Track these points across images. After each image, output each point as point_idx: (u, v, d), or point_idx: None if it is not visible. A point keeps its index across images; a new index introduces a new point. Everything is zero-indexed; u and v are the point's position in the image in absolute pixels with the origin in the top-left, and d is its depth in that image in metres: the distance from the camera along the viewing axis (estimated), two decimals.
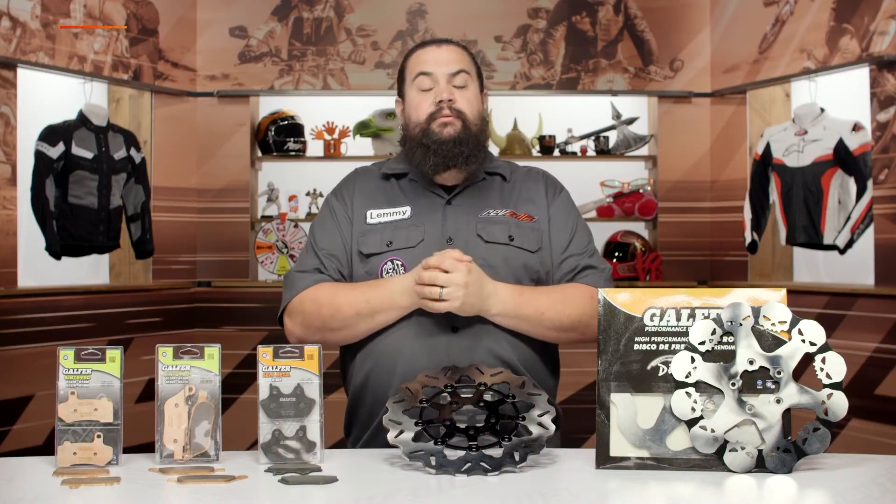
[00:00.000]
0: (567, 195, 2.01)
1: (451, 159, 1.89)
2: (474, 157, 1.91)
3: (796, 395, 1.48)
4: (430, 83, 1.92)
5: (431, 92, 1.91)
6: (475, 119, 1.92)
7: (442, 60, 1.93)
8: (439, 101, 1.89)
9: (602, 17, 4.85)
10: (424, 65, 1.93)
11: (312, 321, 1.85)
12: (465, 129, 1.89)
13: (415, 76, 1.93)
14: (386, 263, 1.86)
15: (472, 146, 1.90)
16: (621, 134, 4.87)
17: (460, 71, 1.92)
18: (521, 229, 1.90)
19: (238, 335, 4.54)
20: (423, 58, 1.94)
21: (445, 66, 1.92)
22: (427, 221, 1.89)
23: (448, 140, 1.88)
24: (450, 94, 1.90)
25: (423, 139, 1.90)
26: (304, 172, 4.89)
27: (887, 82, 3.89)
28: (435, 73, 1.91)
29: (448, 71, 1.91)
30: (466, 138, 1.89)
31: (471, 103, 1.93)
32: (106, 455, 1.54)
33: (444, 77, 1.91)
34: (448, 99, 1.89)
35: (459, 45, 1.99)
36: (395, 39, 4.84)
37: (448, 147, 1.88)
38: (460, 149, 1.88)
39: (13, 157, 3.99)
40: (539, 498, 1.34)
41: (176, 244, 4.68)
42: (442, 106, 1.89)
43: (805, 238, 4.30)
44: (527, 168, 2.05)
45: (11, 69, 3.97)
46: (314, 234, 1.96)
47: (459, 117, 1.89)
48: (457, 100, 1.91)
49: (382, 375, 1.83)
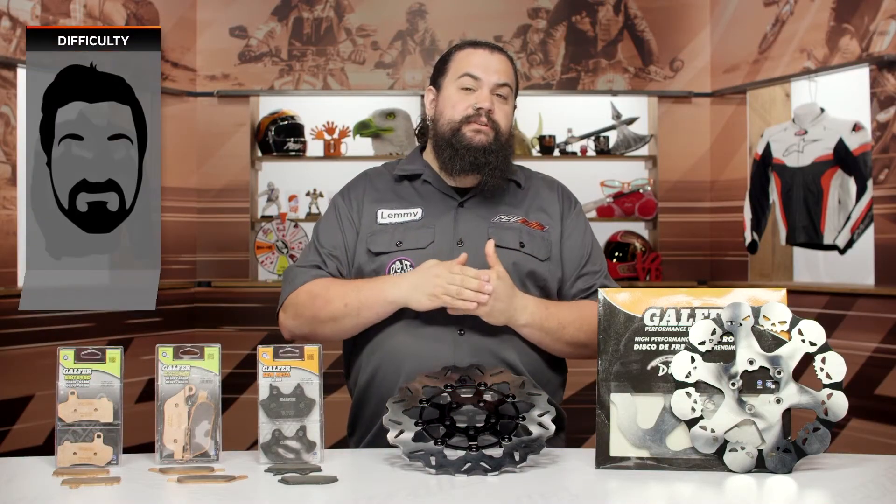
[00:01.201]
0: (581, 209, 2.03)
1: (478, 167, 1.89)
2: (500, 169, 1.91)
3: (796, 395, 1.48)
4: (474, 86, 1.91)
5: (473, 95, 1.90)
6: (506, 133, 1.92)
7: (492, 68, 1.91)
8: (479, 107, 1.89)
9: (602, 17, 4.85)
10: (474, 67, 1.91)
11: (303, 312, 1.85)
12: (497, 140, 1.89)
13: (460, 74, 1.92)
14: (394, 263, 1.86)
15: (500, 158, 1.90)
16: (621, 134, 4.87)
17: (506, 84, 1.92)
18: (532, 237, 1.90)
19: (238, 335, 4.54)
20: (474, 60, 1.92)
21: (494, 75, 1.91)
22: (438, 223, 1.89)
23: (478, 147, 1.88)
24: (491, 103, 1.89)
25: (452, 139, 1.89)
26: (304, 172, 4.89)
27: (887, 82, 3.89)
28: (482, 79, 1.90)
29: (496, 81, 1.90)
30: (496, 149, 1.89)
31: (507, 118, 1.93)
32: (106, 455, 1.54)
33: (490, 85, 1.90)
34: (488, 108, 1.89)
35: (509, 56, 1.97)
36: (395, 39, 4.84)
37: (477, 154, 1.88)
38: (487, 158, 1.88)
39: (13, 157, 3.99)
40: (539, 498, 1.34)
41: (176, 244, 4.68)
42: (480, 113, 1.89)
43: (805, 238, 4.30)
44: (542, 176, 2.05)
45: (11, 69, 3.97)
46: (318, 232, 1.97)
47: (493, 128, 1.89)
48: (496, 111, 1.90)
49: (388, 376, 1.83)
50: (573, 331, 1.83)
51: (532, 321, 1.79)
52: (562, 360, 1.94)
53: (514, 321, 1.78)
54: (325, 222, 1.98)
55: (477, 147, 1.87)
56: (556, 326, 1.82)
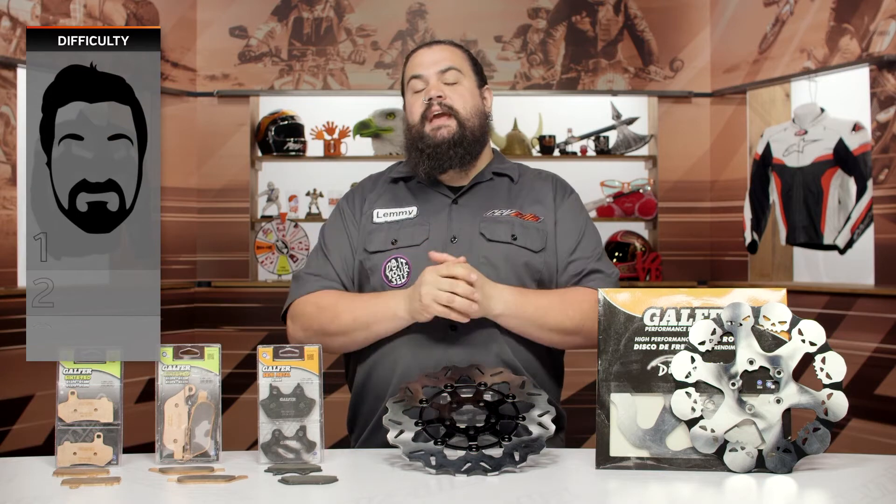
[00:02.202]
0: (576, 198, 2.01)
1: (445, 162, 1.89)
2: (470, 156, 1.91)
3: (796, 395, 1.48)
4: (422, 84, 1.93)
5: (423, 92, 1.93)
6: (470, 115, 1.92)
7: (431, 61, 1.94)
8: (429, 98, 1.90)
9: (602, 17, 4.85)
10: (416, 67, 1.94)
11: (312, 324, 1.85)
12: (460, 127, 1.89)
13: (409, 80, 1.95)
14: (390, 261, 1.86)
15: (469, 145, 1.90)
16: (621, 134, 4.87)
17: (449, 68, 1.93)
18: (526, 229, 1.89)
19: (238, 335, 4.54)
20: (416, 61, 1.96)
21: (434, 66, 1.93)
22: (432, 221, 1.90)
23: (442, 143, 1.88)
24: (438, 90, 1.90)
25: (418, 142, 1.91)
26: (304, 172, 4.89)
27: (887, 82, 3.89)
28: (425, 74, 1.93)
29: (437, 69, 1.92)
30: (461, 138, 1.89)
31: (464, 98, 1.92)
32: (106, 455, 1.54)
33: (434, 76, 1.92)
34: (437, 95, 1.90)
35: (452, 43, 2.00)
36: (395, 39, 4.84)
37: (442, 150, 1.88)
38: (455, 150, 1.88)
39: (13, 157, 3.99)
40: (539, 498, 1.34)
41: (176, 244, 4.68)
42: (432, 103, 1.90)
43: (805, 238, 4.30)
44: (537, 170, 2.05)
45: (11, 69, 3.97)
46: (324, 236, 1.98)
47: (451, 114, 1.89)
48: (447, 96, 1.90)
49: (383, 373, 1.84)
50: (556, 316, 1.80)
51: (507, 310, 1.78)
52: (558, 355, 1.94)
53: (489, 311, 1.76)
54: (330, 226, 1.99)
55: (440, 142, 1.88)
56: (534, 313, 1.79)
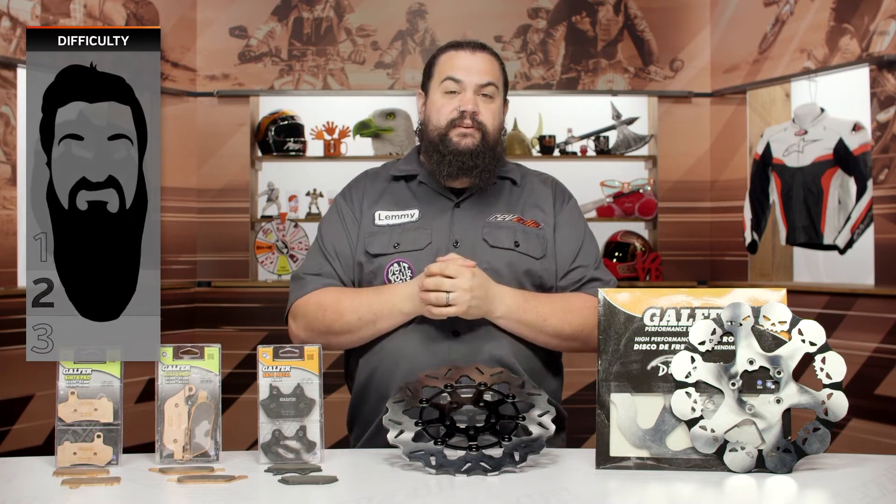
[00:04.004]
0: (575, 204, 2.01)
1: (465, 171, 1.89)
2: (488, 171, 1.90)
3: (796, 395, 1.48)
4: (458, 89, 1.90)
5: (456, 97, 1.89)
6: (494, 132, 1.91)
7: (474, 69, 1.90)
8: (463, 110, 1.88)
9: (602, 17, 4.85)
10: (455, 70, 1.90)
11: (316, 325, 1.85)
12: (484, 141, 1.88)
13: (443, 79, 1.91)
14: (392, 265, 1.86)
15: (488, 159, 1.89)
16: (621, 134, 4.87)
17: (489, 83, 1.90)
18: (527, 235, 1.90)
19: (238, 335, 4.54)
20: (456, 62, 1.91)
21: (476, 76, 1.89)
22: (435, 225, 1.89)
23: (465, 151, 1.87)
24: (475, 105, 1.88)
25: (439, 145, 1.89)
26: (304, 172, 4.89)
27: (887, 82, 3.89)
28: (464, 81, 1.89)
29: (478, 81, 1.89)
30: (483, 151, 1.88)
31: (494, 116, 1.91)
32: (106, 455, 1.54)
33: (473, 87, 1.89)
34: (472, 111, 1.88)
35: (493, 53, 1.95)
36: (395, 39, 4.84)
37: (464, 158, 1.87)
38: (475, 161, 1.88)
39: (13, 157, 3.99)
40: (539, 498, 1.34)
41: (176, 244, 4.68)
42: (465, 115, 1.88)
43: (805, 238, 4.30)
44: (537, 173, 2.05)
45: (11, 69, 3.97)
46: (321, 234, 1.97)
47: (480, 129, 1.88)
48: (481, 112, 1.89)
49: (385, 375, 1.83)
50: (556, 322, 1.81)
51: (508, 313, 1.79)
52: (559, 360, 1.94)
53: (491, 313, 1.78)
54: (327, 223, 1.98)
55: (464, 151, 1.87)
56: (535, 319, 1.80)
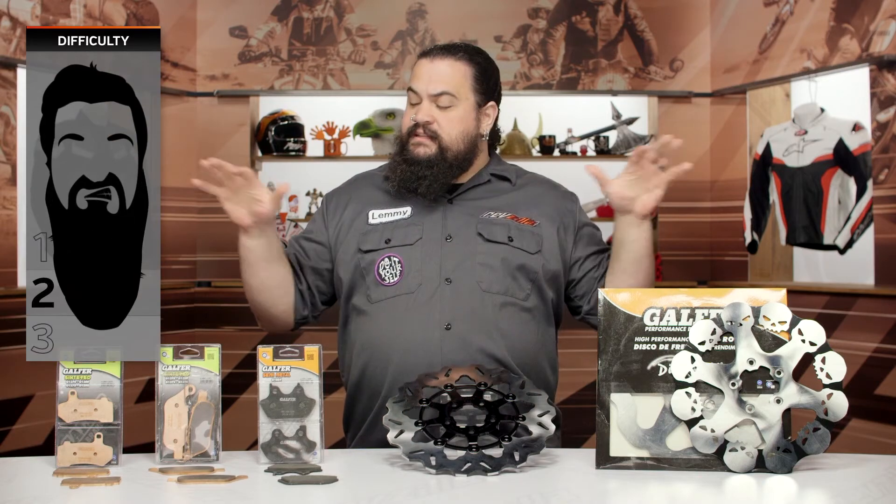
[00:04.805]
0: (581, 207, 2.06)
1: (418, 180, 1.87)
2: (438, 183, 1.88)
3: (796, 395, 1.48)
4: (416, 99, 1.91)
5: (415, 108, 1.91)
6: (454, 140, 1.89)
7: (427, 78, 1.90)
8: (415, 121, 1.89)
9: (602, 17, 4.85)
10: (414, 79, 1.92)
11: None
12: (440, 150, 1.88)
13: (408, 88, 1.94)
14: (383, 259, 1.87)
15: (444, 169, 1.88)
16: (621, 134, 4.87)
17: (443, 93, 1.88)
18: (521, 231, 1.90)
19: (238, 335, 4.54)
20: (417, 71, 1.93)
21: (430, 85, 1.89)
22: (426, 220, 1.90)
23: (419, 160, 1.88)
24: (428, 115, 1.88)
25: (402, 152, 1.91)
26: (304, 172, 4.88)
27: (887, 82, 3.89)
28: (419, 91, 1.90)
29: (431, 91, 1.89)
30: (438, 160, 1.87)
31: (451, 124, 1.89)
32: (106, 455, 1.54)
33: (427, 96, 1.89)
34: (425, 121, 1.88)
35: (460, 55, 1.92)
36: (395, 39, 4.84)
37: (417, 168, 1.87)
38: (430, 170, 1.87)
39: (13, 157, 3.99)
40: (539, 498, 1.34)
41: (176, 244, 4.68)
42: (418, 126, 1.89)
43: (805, 238, 4.30)
44: (533, 174, 2.05)
45: (11, 69, 3.97)
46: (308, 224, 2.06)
47: (434, 139, 1.88)
48: (435, 120, 1.88)
49: (377, 371, 1.84)
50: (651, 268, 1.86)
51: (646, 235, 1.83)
52: (553, 355, 1.95)
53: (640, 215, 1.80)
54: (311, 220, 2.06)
55: (417, 160, 1.88)
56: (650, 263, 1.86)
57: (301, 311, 1.95)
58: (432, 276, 1.84)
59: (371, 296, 1.87)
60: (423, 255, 1.86)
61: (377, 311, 1.85)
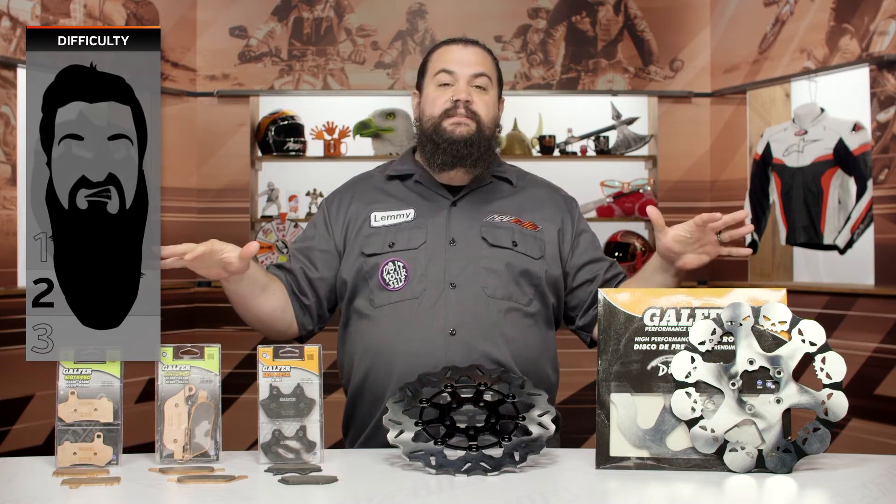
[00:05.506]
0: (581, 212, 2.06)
1: (459, 159, 1.89)
2: (483, 160, 1.91)
3: (796, 395, 1.48)
4: (451, 81, 1.91)
5: (450, 89, 1.91)
6: (489, 123, 1.92)
7: (466, 61, 1.92)
8: (456, 99, 1.89)
9: (602, 17, 4.85)
10: (448, 63, 1.92)
11: None
12: (479, 131, 1.89)
13: (436, 72, 1.92)
14: (387, 264, 1.86)
15: (483, 149, 1.90)
16: (621, 134, 4.87)
17: (482, 74, 1.91)
18: (525, 236, 1.90)
19: (238, 335, 4.53)
20: (448, 56, 1.93)
21: (469, 67, 1.91)
22: (431, 223, 1.90)
23: (459, 140, 1.88)
24: (468, 94, 1.89)
25: (433, 135, 1.90)
26: (304, 172, 4.88)
27: (887, 82, 3.89)
28: (457, 73, 1.90)
29: (470, 72, 1.91)
30: (478, 140, 1.89)
31: (488, 107, 1.92)
32: (106, 455, 1.54)
33: (466, 77, 1.90)
34: (466, 99, 1.89)
35: (486, 48, 1.97)
36: (395, 39, 4.84)
37: (458, 147, 1.88)
38: (470, 150, 1.88)
39: (13, 157, 3.99)
40: (539, 498, 1.34)
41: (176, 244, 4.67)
42: (458, 105, 1.89)
43: (805, 238, 4.30)
44: (535, 177, 2.06)
45: (11, 69, 3.97)
46: (303, 231, 2.03)
47: (474, 119, 1.89)
48: (475, 101, 1.90)
49: (380, 376, 1.84)
50: None
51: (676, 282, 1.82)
52: (554, 357, 1.95)
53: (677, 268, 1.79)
54: (309, 223, 2.03)
55: (458, 139, 1.88)
56: None
57: (307, 325, 1.95)
58: (436, 281, 1.84)
59: (374, 300, 1.86)
60: (428, 260, 1.85)
61: (381, 315, 1.85)
